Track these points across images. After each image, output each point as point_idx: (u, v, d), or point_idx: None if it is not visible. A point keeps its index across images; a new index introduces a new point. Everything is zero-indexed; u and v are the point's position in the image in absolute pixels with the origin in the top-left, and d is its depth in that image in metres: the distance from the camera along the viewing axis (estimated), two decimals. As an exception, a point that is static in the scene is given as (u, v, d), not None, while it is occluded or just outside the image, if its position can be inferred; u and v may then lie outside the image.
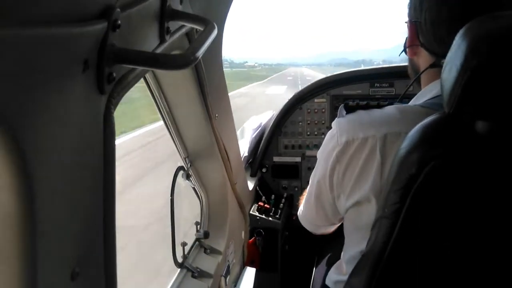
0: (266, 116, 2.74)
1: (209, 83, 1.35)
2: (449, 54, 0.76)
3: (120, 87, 0.68)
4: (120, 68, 0.67)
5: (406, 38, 1.15)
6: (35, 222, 0.51)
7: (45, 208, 0.53)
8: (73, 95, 0.56)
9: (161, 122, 1.47)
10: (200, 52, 0.70)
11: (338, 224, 1.37)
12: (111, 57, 0.61)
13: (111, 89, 0.65)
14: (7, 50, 0.42)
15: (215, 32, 0.79)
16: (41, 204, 0.52)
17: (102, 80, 0.61)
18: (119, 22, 0.60)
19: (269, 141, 2.56)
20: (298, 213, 1.45)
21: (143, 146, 9.27)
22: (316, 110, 2.55)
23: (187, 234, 1.77)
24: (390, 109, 1.07)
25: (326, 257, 1.70)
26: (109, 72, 0.62)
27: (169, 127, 1.47)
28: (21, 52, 0.44)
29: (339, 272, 1.30)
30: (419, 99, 1.10)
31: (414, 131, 0.81)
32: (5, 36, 0.41)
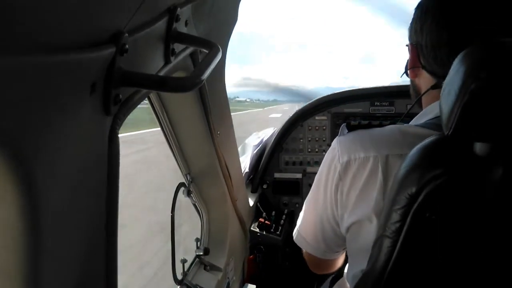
0: (267, 132, 2.76)
1: (211, 101, 1.36)
2: (448, 78, 0.77)
3: (126, 108, 0.69)
4: (126, 90, 0.68)
5: (408, 60, 1.16)
6: (38, 239, 0.52)
7: (49, 224, 0.54)
8: (80, 116, 0.57)
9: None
10: (206, 75, 0.71)
11: (340, 255, 1.34)
12: (118, 80, 0.62)
13: (117, 110, 0.66)
14: (16, 76, 0.43)
15: (219, 54, 0.80)
16: (44, 221, 0.52)
17: (108, 102, 0.62)
18: (127, 46, 0.62)
19: (270, 157, 2.57)
20: (294, 236, 1.35)
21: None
22: (317, 127, 2.57)
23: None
24: (391, 129, 1.07)
25: (328, 275, 1.69)
26: (116, 93, 0.64)
27: (171, 143, 1.48)
28: (30, 77, 0.46)
29: None
30: (420, 119, 1.11)
31: (414, 151, 0.82)
32: (15, 63, 0.43)
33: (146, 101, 1.31)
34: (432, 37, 1.04)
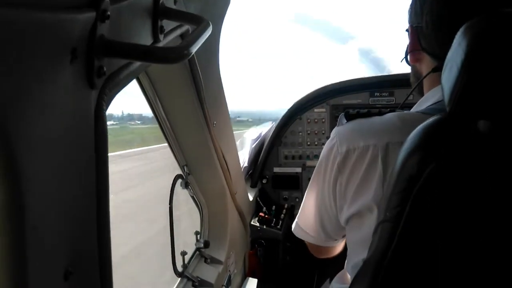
0: (265, 126, 2.75)
1: (206, 90, 1.35)
2: (450, 53, 0.75)
3: (112, 83, 0.67)
4: (111, 63, 0.66)
5: (408, 44, 1.14)
6: (24, 220, 0.50)
7: (35, 206, 0.52)
8: (61, 86, 0.55)
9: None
10: (194, 47, 0.69)
11: (340, 242, 1.33)
12: (101, 48, 0.60)
13: (102, 83, 0.64)
14: None
15: (209, 29, 0.79)
16: (30, 202, 0.50)
17: (92, 73, 0.60)
18: (109, 13, 0.60)
19: (269, 151, 2.56)
20: (293, 228, 1.36)
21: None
22: (316, 120, 2.55)
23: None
24: (390, 117, 1.05)
25: (328, 268, 1.68)
26: (99, 65, 0.61)
27: (166, 134, 1.47)
28: (6, 34, 0.43)
29: (342, 281, 1.27)
30: (421, 105, 1.09)
31: (414, 133, 0.80)
32: None
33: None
34: (432, 16, 1.02)
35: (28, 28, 0.46)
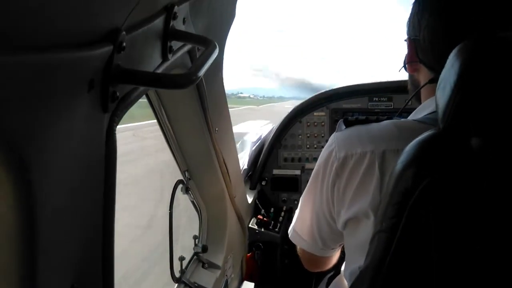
0: (265, 129, 2.75)
1: (209, 98, 1.36)
2: (443, 72, 0.78)
3: (123, 105, 0.69)
4: (123, 87, 0.68)
5: (406, 55, 1.16)
6: (35, 238, 0.52)
7: (46, 224, 0.53)
8: (78, 113, 0.57)
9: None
10: (202, 72, 0.71)
11: (336, 251, 1.34)
12: (115, 77, 0.62)
13: (114, 107, 0.66)
14: (15, 73, 0.43)
15: (216, 51, 0.80)
16: (42, 219, 0.52)
17: (106, 99, 0.62)
18: (124, 44, 0.62)
19: (268, 154, 2.57)
20: (289, 234, 1.35)
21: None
22: (315, 123, 2.56)
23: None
24: (388, 124, 1.07)
25: (326, 272, 1.69)
26: (113, 91, 0.64)
27: (169, 140, 1.48)
28: (29, 75, 0.45)
29: (339, 287, 1.29)
30: (418, 114, 1.10)
31: (410, 147, 0.82)
32: (12, 61, 0.42)
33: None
34: (429, 31, 1.04)
35: (50, 68, 0.48)
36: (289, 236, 1.35)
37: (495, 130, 0.72)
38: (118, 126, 0.69)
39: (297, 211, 1.31)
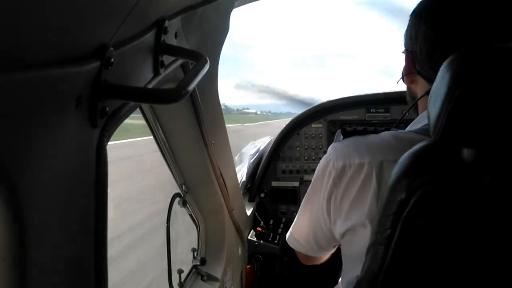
0: (264, 141, 2.76)
1: (205, 111, 1.37)
2: (434, 85, 0.78)
3: (114, 120, 0.69)
4: (113, 102, 0.68)
5: (404, 67, 1.17)
6: (26, 254, 0.52)
7: (35, 245, 0.53)
8: (66, 129, 0.57)
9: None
10: (192, 86, 0.71)
11: (331, 252, 1.36)
12: (104, 92, 0.62)
13: (104, 122, 0.66)
14: (0, 90, 0.43)
15: (207, 65, 0.81)
16: (30, 240, 0.52)
17: (95, 114, 0.62)
18: (112, 60, 0.62)
19: (267, 166, 2.58)
20: (287, 237, 1.40)
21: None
22: (313, 135, 2.57)
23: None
24: (386, 135, 1.08)
25: (325, 283, 1.69)
26: (102, 106, 0.64)
27: (165, 154, 1.48)
28: (14, 91, 0.46)
29: None
30: (415, 125, 1.11)
31: (404, 158, 0.83)
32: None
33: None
34: (426, 43, 1.05)
35: (36, 84, 0.48)
36: (287, 239, 1.38)
37: (486, 142, 0.73)
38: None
39: (296, 216, 1.34)
